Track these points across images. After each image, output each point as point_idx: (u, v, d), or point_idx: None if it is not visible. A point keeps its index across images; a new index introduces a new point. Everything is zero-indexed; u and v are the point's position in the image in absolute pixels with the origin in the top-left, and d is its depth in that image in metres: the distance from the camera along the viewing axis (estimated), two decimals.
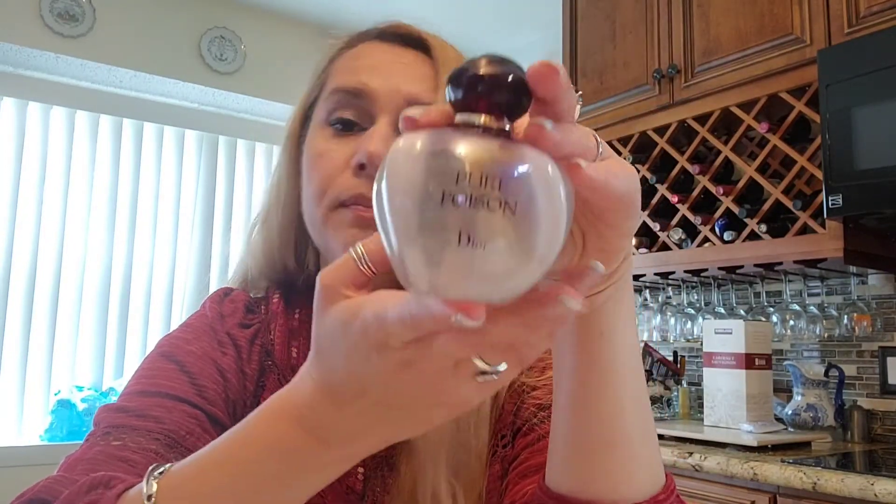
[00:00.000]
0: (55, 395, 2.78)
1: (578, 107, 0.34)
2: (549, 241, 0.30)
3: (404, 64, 0.63)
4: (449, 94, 0.31)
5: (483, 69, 0.30)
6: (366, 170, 0.59)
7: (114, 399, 0.62)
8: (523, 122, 0.31)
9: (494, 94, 0.30)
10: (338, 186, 0.60)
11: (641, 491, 0.45)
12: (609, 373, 0.43)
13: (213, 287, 3.39)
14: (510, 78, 0.30)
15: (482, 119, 0.30)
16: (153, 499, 0.42)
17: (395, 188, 0.30)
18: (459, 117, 0.31)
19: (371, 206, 0.53)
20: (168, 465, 0.43)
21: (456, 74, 0.31)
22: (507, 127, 0.31)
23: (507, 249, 0.29)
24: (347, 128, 0.62)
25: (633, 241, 2.32)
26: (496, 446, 0.62)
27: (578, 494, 0.45)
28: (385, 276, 0.36)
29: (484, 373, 0.33)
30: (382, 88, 0.61)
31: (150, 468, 0.43)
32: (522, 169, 0.29)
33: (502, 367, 0.34)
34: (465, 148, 0.29)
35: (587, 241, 0.38)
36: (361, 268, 0.36)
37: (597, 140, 0.35)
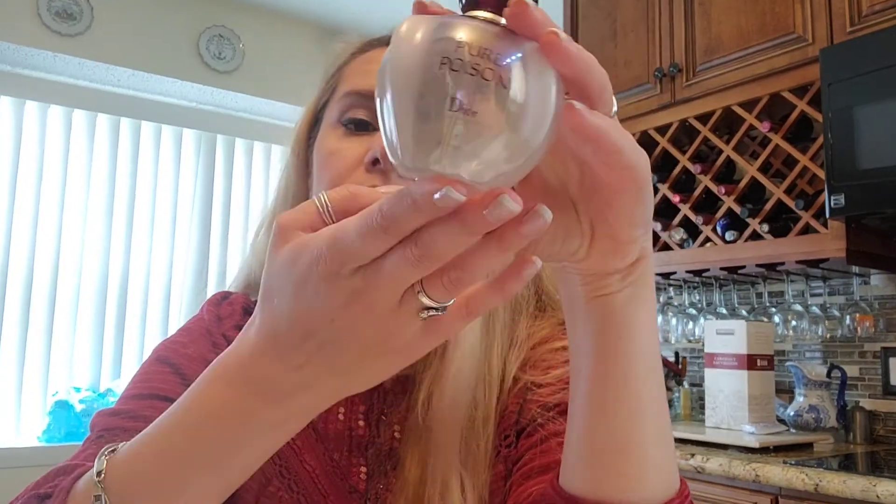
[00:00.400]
0: (53, 396, 2.77)
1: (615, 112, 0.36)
2: (535, 127, 0.31)
3: None
4: None
5: None
6: (379, 165, 0.59)
7: (111, 401, 0.62)
8: (549, 21, 0.32)
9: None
10: (350, 182, 0.60)
11: (655, 494, 0.44)
12: (628, 376, 0.42)
13: (211, 287, 3.39)
14: None
15: (486, 15, 0.32)
16: (102, 474, 0.41)
17: (397, 67, 0.31)
18: (466, 13, 0.33)
19: None
20: (120, 444, 0.43)
21: None
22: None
23: (494, 124, 0.30)
24: (360, 127, 0.63)
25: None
26: (500, 446, 0.61)
27: (590, 495, 0.45)
28: None
29: (428, 308, 0.34)
30: None
31: (104, 448, 0.43)
32: (518, 50, 0.31)
33: (448, 304, 0.34)
34: (466, 27, 0.31)
35: (595, 229, 0.38)
36: (323, 216, 0.35)
37: (612, 98, 0.35)
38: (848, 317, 2.13)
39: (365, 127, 0.62)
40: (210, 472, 0.40)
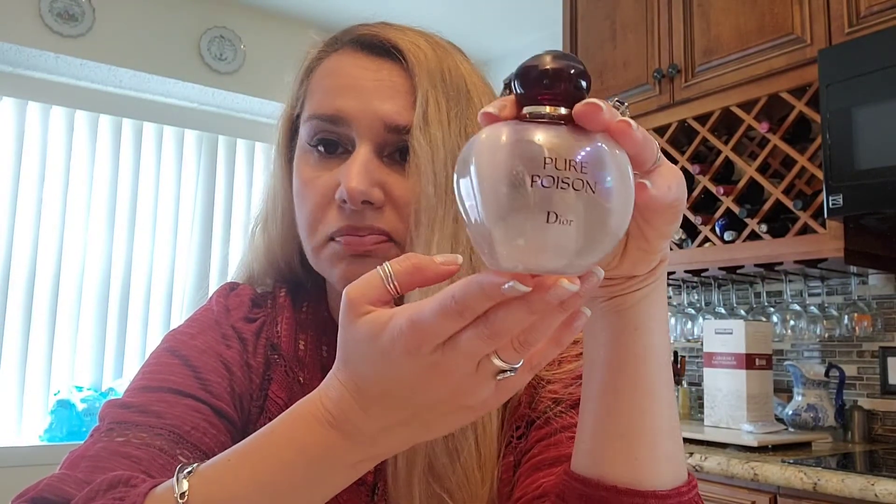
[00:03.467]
0: (55, 395, 2.77)
1: (628, 113, 0.38)
2: (621, 218, 0.34)
3: (377, 80, 0.61)
4: (517, 88, 0.35)
5: (549, 65, 0.34)
6: (348, 205, 0.59)
7: (117, 396, 0.62)
8: (614, 113, 0.34)
9: (559, 86, 0.34)
10: (327, 222, 0.61)
11: (665, 481, 0.47)
12: (641, 366, 0.45)
13: (213, 287, 3.37)
14: (572, 71, 0.34)
15: (548, 110, 0.34)
16: (186, 496, 0.43)
17: (483, 174, 0.34)
18: (528, 109, 0.35)
19: (359, 235, 0.58)
20: (195, 465, 0.45)
21: (524, 71, 0.35)
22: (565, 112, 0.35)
23: (585, 225, 0.33)
24: (329, 149, 0.62)
25: None
26: (511, 437, 0.62)
27: (602, 478, 0.47)
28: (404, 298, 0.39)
29: (503, 371, 0.38)
30: (358, 112, 0.60)
31: (178, 467, 0.45)
32: (601, 154, 0.33)
33: (518, 365, 0.38)
34: (544, 136, 0.33)
35: (629, 243, 0.41)
36: (388, 286, 0.39)
37: (657, 147, 0.38)
38: (846, 316, 2.14)
39: (334, 148, 0.62)
40: (294, 501, 0.43)
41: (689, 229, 2.33)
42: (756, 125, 2.11)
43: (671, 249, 2.33)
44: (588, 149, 0.33)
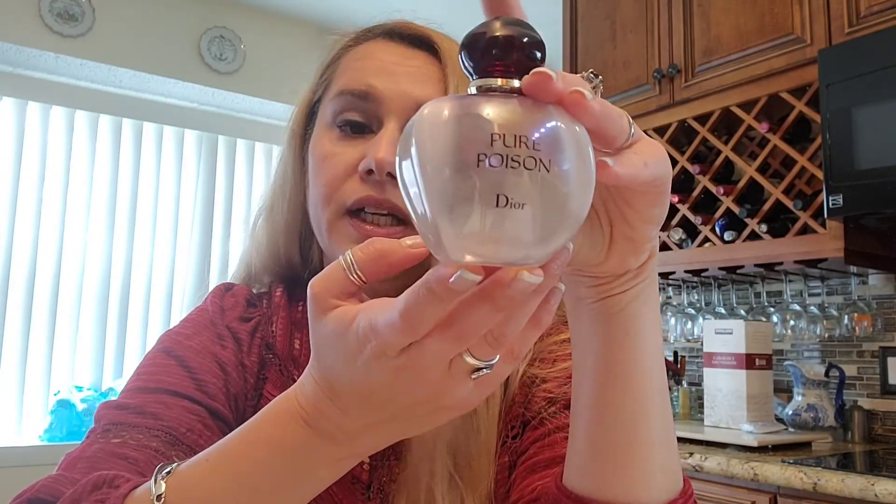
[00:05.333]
0: (55, 395, 2.77)
1: (601, 87, 0.35)
2: (581, 200, 0.30)
3: (412, 66, 0.62)
4: (464, 60, 0.32)
5: (498, 32, 0.31)
6: (373, 175, 0.59)
7: (116, 396, 0.62)
8: (570, 83, 0.31)
9: (510, 56, 0.30)
10: (344, 191, 0.60)
11: (660, 493, 0.45)
12: (633, 373, 0.43)
13: (213, 287, 3.37)
14: (525, 39, 0.31)
15: (499, 82, 0.31)
16: (162, 498, 0.42)
17: (426, 155, 0.30)
18: (477, 82, 0.31)
19: (378, 213, 0.56)
20: (174, 465, 0.44)
21: (471, 40, 0.31)
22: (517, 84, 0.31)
23: (541, 209, 0.29)
24: (355, 130, 0.62)
25: None
26: (506, 437, 0.61)
27: (595, 494, 0.45)
28: (374, 285, 0.37)
29: (478, 369, 0.35)
30: (390, 91, 0.60)
31: (157, 468, 0.44)
32: (554, 128, 0.29)
33: (494, 360, 0.35)
34: (492, 110, 0.29)
35: (615, 230, 0.39)
36: (351, 277, 0.36)
37: (629, 122, 0.35)
38: (846, 316, 2.14)
39: (360, 129, 0.62)
40: (274, 500, 0.42)
41: (689, 229, 2.33)
42: (756, 125, 2.11)
43: (671, 249, 2.33)
44: (541, 123, 0.29)
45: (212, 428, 0.59)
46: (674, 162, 2.36)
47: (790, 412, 2.11)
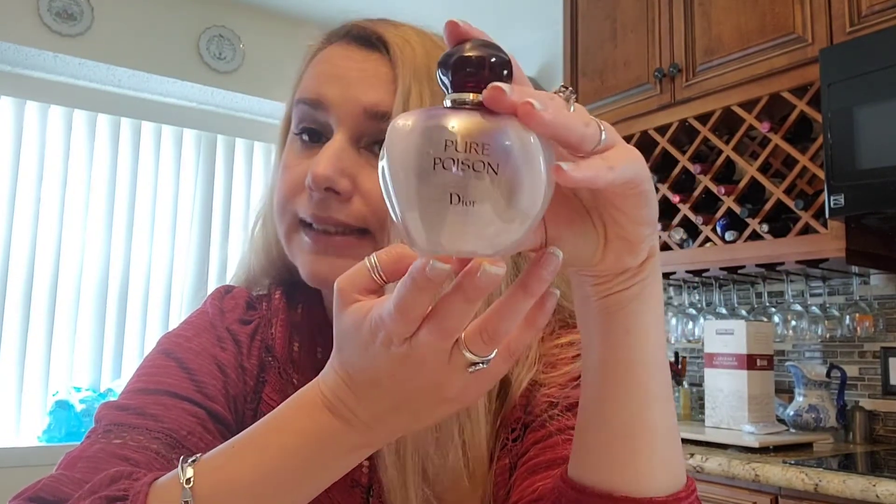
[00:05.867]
0: (53, 395, 2.77)
1: (573, 98, 0.37)
2: (530, 199, 0.34)
3: (363, 68, 0.61)
4: (440, 76, 0.36)
5: (468, 52, 0.35)
6: (314, 192, 0.59)
7: (115, 397, 0.62)
8: (525, 97, 0.34)
9: (481, 73, 0.35)
10: (295, 204, 0.62)
11: (663, 486, 0.46)
12: (635, 369, 0.44)
13: (212, 287, 3.38)
14: (493, 59, 0.35)
15: (470, 97, 0.35)
16: (191, 482, 0.44)
17: (394, 161, 0.35)
18: (452, 96, 0.35)
19: (325, 229, 0.60)
20: (198, 455, 0.46)
21: (444, 60, 0.36)
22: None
23: (493, 207, 0.34)
24: (313, 138, 0.62)
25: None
26: (506, 440, 0.61)
27: (598, 486, 0.46)
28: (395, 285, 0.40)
29: (474, 364, 0.39)
30: (339, 98, 0.60)
31: (181, 458, 0.46)
32: (503, 136, 0.34)
33: (491, 356, 0.39)
34: (452, 121, 0.34)
35: (608, 230, 0.40)
36: (373, 276, 0.40)
37: (600, 127, 0.36)
38: (847, 317, 2.14)
39: (317, 138, 0.62)
40: (297, 486, 0.44)
41: (691, 229, 2.32)
42: (757, 125, 2.11)
43: (672, 249, 2.33)
44: (493, 132, 0.33)
45: (212, 431, 0.59)
46: (675, 161, 2.36)
47: (791, 413, 2.11)
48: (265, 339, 0.67)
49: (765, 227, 2.08)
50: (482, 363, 0.39)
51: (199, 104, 3.25)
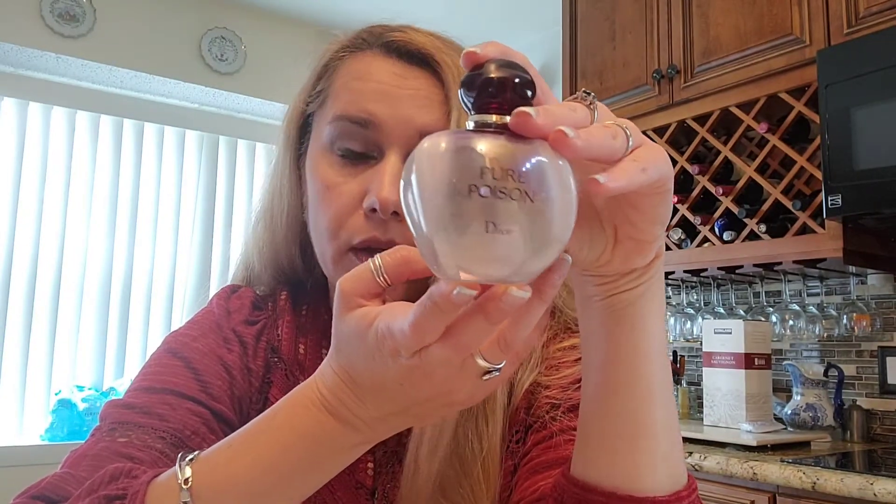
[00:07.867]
0: (56, 394, 2.78)
1: (596, 103, 0.37)
2: (563, 225, 0.34)
3: (413, 88, 0.59)
4: (462, 97, 0.35)
5: (491, 74, 0.34)
6: (377, 214, 0.57)
7: (118, 395, 0.62)
8: (552, 120, 0.33)
9: (504, 95, 0.34)
10: (349, 228, 0.59)
11: (663, 483, 0.46)
12: (638, 366, 0.44)
13: (214, 287, 3.39)
14: (516, 80, 0.34)
15: (494, 118, 0.34)
16: (189, 482, 0.44)
17: (424, 184, 0.34)
18: (474, 118, 0.35)
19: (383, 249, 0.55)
20: (196, 453, 0.45)
21: (467, 80, 0.35)
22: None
23: (527, 234, 0.33)
24: (356, 158, 0.60)
25: None
26: (509, 442, 0.61)
27: (601, 483, 0.46)
28: (398, 287, 0.40)
29: (488, 371, 0.39)
30: (391, 118, 0.58)
31: (179, 456, 0.45)
32: (538, 163, 0.33)
33: (502, 363, 0.39)
34: (484, 145, 0.33)
35: (619, 231, 0.40)
36: (377, 279, 0.40)
37: (626, 133, 0.36)
38: (845, 316, 2.15)
39: (361, 158, 0.60)
40: (295, 484, 0.44)
41: (689, 229, 2.33)
42: (755, 125, 2.12)
43: (670, 249, 2.34)
44: (527, 158, 0.33)
45: (216, 431, 0.59)
46: (673, 162, 2.35)
47: (789, 412, 2.12)
48: (271, 340, 0.67)
49: (763, 228, 2.09)
50: (496, 371, 0.39)
51: (201, 105, 3.26)
